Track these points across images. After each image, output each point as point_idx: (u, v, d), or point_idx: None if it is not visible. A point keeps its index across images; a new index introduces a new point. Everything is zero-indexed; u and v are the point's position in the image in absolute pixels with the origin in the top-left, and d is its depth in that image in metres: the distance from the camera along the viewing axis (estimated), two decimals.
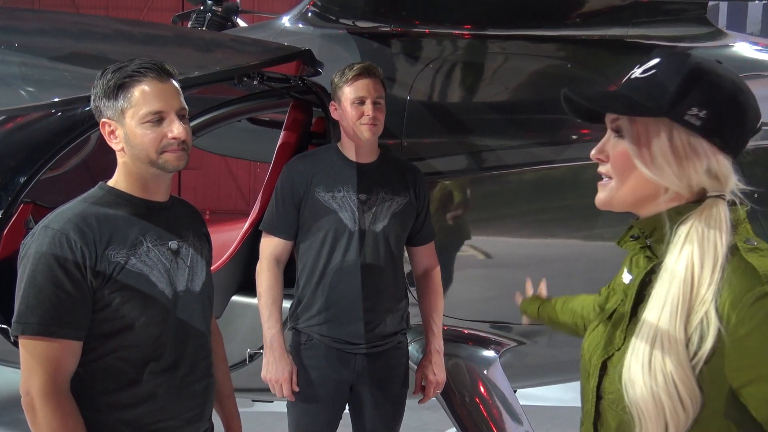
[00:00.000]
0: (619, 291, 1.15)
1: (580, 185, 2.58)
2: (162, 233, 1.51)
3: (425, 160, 2.58)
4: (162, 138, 1.44)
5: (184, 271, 1.53)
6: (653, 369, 0.97)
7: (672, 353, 0.96)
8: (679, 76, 1.00)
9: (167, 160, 1.45)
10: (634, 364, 0.99)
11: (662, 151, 1.00)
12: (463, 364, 2.57)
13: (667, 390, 0.95)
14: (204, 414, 1.58)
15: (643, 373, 0.97)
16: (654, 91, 1.00)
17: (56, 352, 1.37)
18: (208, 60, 2.51)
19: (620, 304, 1.12)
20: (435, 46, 2.78)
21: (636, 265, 1.11)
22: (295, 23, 2.96)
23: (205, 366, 1.57)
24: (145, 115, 1.43)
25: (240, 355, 2.58)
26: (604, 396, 1.08)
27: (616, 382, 1.04)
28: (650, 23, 2.65)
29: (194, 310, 1.54)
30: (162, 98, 1.44)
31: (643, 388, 0.97)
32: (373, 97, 2.13)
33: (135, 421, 1.45)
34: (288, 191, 2.23)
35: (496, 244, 2.68)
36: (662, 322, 0.97)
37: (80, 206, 1.46)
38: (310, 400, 2.21)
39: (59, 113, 2.40)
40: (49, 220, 1.43)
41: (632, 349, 1.01)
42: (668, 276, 0.99)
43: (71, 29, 2.65)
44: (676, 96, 0.99)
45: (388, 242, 2.20)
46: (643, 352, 0.99)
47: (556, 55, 2.75)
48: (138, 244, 1.46)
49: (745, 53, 2.83)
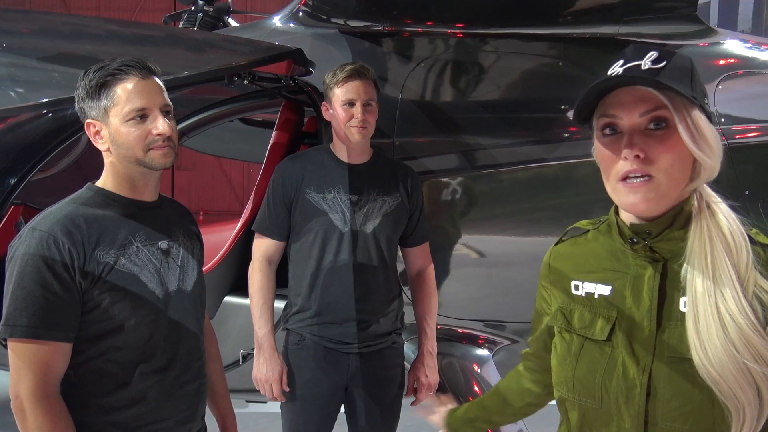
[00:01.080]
0: (603, 305, 1.11)
1: (573, 183, 2.59)
2: (151, 233, 1.50)
3: (417, 159, 2.58)
4: (147, 135, 1.43)
5: (175, 270, 1.52)
6: (730, 339, 0.96)
7: (744, 320, 0.97)
8: (687, 68, 1.03)
9: (153, 157, 1.44)
10: (711, 346, 0.97)
11: (712, 137, 1.02)
12: (457, 362, 2.57)
13: (750, 354, 0.96)
14: (196, 414, 1.57)
15: (724, 348, 0.96)
16: (677, 81, 1.00)
17: (45, 355, 1.35)
18: (199, 60, 2.50)
19: (619, 316, 1.08)
20: (426, 45, 2.78)
21: (621, 271, 1.10)
22: (287, 23, 2.95)
23: (197, 366, 1.56)
24: (128, 113, 1.42)
25: (233, 355, 2.57)
26: (659, 420, 1.03)
27: (679, 393, 1.01)
28: (641, 21, 2.66)
29: (186, 310, 1.54)
30: (145, 95, 1.43)
31: (729, 362, 0.96)
32: (363, 99, 2.12)
33: (126, 424, 1.44)
34: (279, 192, 2.22)
35: (489, 243, 2.68)
36: (721, 294, 0.98)
37: (68, 207, 1.45)
38: (303, 400, 2.20)
39: (49, 114, 2.39)
40: (37, 222, 1.41)
41: (699, 336, 0.99)
42: (706, 253, 1.01)
43: (62, 30, 2.64)
44: (696, 86, 1.02)
45: (378, 243, 2.19)
46: (715, 330, 0.97)
47: (548, 53, 2.75)
48: (127, 245, 1.45)
49: (737, 51, 2.84)
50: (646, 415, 1.03)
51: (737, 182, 2.44)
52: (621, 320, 1.08)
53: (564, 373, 1.13)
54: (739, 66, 2.75)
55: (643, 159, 1.01)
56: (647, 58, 1.02)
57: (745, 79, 2.74)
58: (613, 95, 1.04)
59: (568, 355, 1.12)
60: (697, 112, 1.00)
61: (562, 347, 1.15)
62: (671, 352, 1.02)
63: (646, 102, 1.02)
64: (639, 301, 1.07)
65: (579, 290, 1.14)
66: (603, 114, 1.06)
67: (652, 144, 1.01)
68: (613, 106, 1.04)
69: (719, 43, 2.81)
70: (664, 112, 1.01)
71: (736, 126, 2.57)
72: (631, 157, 1.01)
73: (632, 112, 1.02)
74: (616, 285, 1.10)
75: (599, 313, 1.10)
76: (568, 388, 1.12)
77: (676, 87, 0.99)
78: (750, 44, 2.96)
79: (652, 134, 1.02)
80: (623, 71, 1.03)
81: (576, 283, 1.15)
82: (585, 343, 1.11)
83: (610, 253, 1.13)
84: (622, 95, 1.03)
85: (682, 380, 1.01)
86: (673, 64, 1.01)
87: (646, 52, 1.03)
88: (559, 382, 1.15)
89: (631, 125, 1.03)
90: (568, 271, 1.18)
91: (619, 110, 1.03)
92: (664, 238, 1.06)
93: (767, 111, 2.68)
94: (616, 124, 1.04)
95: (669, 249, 1.06)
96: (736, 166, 2.45)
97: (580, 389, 1.10)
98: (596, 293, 1.11)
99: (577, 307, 1.14)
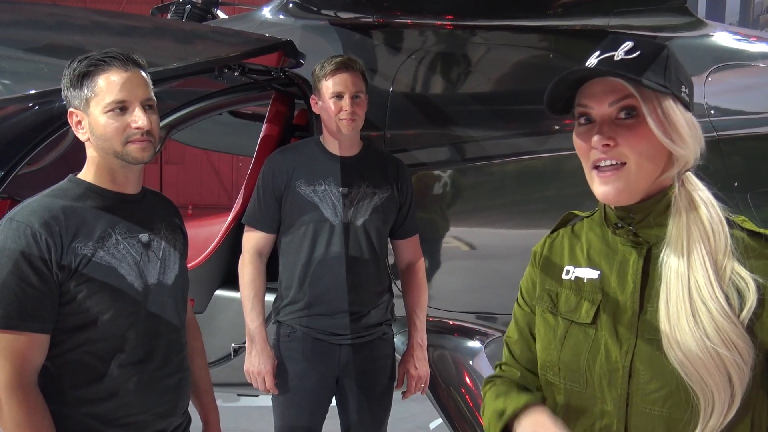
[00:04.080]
0: (589, 289, 1.12)
1: (564, 175, 2.59)
2: (131, 226, 1.49)
3: (409, 151, 2.58)
4: (126, 128, 1.42)
5: (156, 263, 1.51)
6: (701, 325, 0.97)
7: (715, 306, 0.98)
8: (662, 57, 1.03)
9: (131, 151, 1.43)
10: (680, 331, 0.99)
11: (684, 126, 1.02)
12: (449, 355, 2.57)
13: (721, 340, 0.96)
14: (177, 408, 1.56)
15: (692, 333, 0.98)
16: (649, 71, 1.01)
17: (22, 346, 1.35)
18: (188, 51, 2.48)
19: (604, 300, 1.09)
20: (417, 37, 2.77)
21: (609, 256, 1.11)
22: (276, 14, 2.93)
23: (178, 360, 1.55)
24: (108, 105, 1.41)
25: (224, 349, 2.56)
26: (639, 402, 1.04)
27: (658, 375, 1.02)
28: (631, 13, 2.66)
29: (166, 304, 1.53)
30: (126, 87, 1.41)
31: (696, 348, 0.97)
32: (351, 92, 2.12)
33: (104, 416, 1.44)
34: (269, 185, 2.21)
35: (480, 235, 2.69)
36: (695, 281, 0.99)
37: (47, 199, 1.44)
38: (294, 392, 2.20)
39: (36, 106, 2.36)
40: (15, 213, 1.40)
41: (669, 320, 1.00)
42: (682, 240, 1.02)
43: (48, 21, 2.60)
44: (670, 75, 1.02)
45: (369, 235, 2.19)
46: (685, 315, 0.99)
47: (538, 45, 2.75)
48: (106, 237, 1.44)
49: (726, 43, 2.85)
50: (627, 397, 1.05)
51: (726, 173, 2.45)
52: (606, 303, 1.09)
53: (549, 358, 1.14)
54: (729, 58, 2.76)
55: (612, 146, 1.03)
56: (621, 48, 1.04)
57: (734, 71, 2.75)
58: (586, 86, 1.07)
59: (554, 339, 1.13)
60: (669, 102, 1.01)
61: (546, 331, 1.16)
62: (651, 334, 1.04)
63: (615, 92, 1.04)
64: (624, 285, 1.08)
65: (569, 274, 1.15)
66: (578, 104, 1.09)
67: (621, 132, 1.03)
68: (585, 96, 1.07)
69: (709, 35, 2.82)
70: (633, 101, 1.02)
71: (725, 117, 2.58)
72: (599, 146, 1.04)
73: (602, 102, 1.05)
74: (603, 269, 1.12)
75: (585, 297, 1.12)
76: (554, 372, 1.13)
77: (648, 77, 1.00)
78: (739, 36, 2.97)
79: (622, 123, 1.04)
80: (597, 62, 1.05)
81: (568, 268, 1.16)
82: (570, 326, 1.12)
83: (602, 240, 1.15)
84: (593, 86, 1.06)
85: (660, 363, 1.02)
86: (646, 54, 1.03)
87: (621, 42, 1.05)
88: (544, 366, 1.16)
89: (602, 115, 1.05)
90: (562, 257, 1.19)
91: (591, 101, 1.06)
92: (647, 224, 1.08)
93: (756, 103, 2.69)
94: (589, 114, 1.07)
95: (653, 234, 1.08)
96: (725, 157, 2.47)
97: (566, 373, 1.11)
98: (585, 278, 1.13)
99: (563, 290, 1.15)
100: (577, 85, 1.07)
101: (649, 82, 1.00)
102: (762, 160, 2.61)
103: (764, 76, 2.81)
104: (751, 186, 2.49)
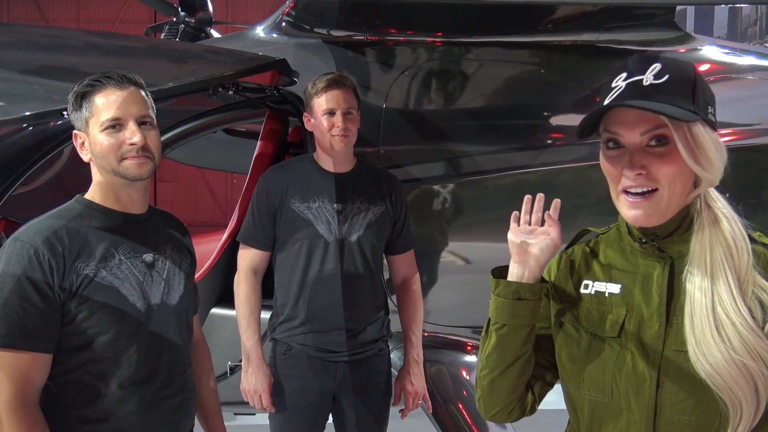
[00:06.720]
0: (613, 303, 1.13)
1: (557, 189, 2.60)
2: (136, 246, 1.49)
3: (402, 167, 2.59)
4: (121, 144, 1.43)
5: (159, 284, 1.51)
6: (725, 339, 0.99)
7: (739, 320, 0.99)
8: (690, 81, 1.04)
9: (127, 167, 1.44)
10: (705, 344, 1.00)
11: (712, 149, 1.04)
12: (446, 369, 2.57)
13: (747, 352, 0.98)
14: (179, 430, 1.55)
15: (718, 346, 0.99)
16: (679, 96, 1.02)
17: (24, 365, 1.35)
18: (183, 71, 2.50)
19: (629, 315, 1.10)
20: (410, 53, 2.79)
21: (631, 271, 1.13)
22: (270, 33, 2.95)
23: (180, 381, 1.55)
24: (103, 123, 1.43)
25: (221, 367, 2.55)
26: (667, 411, 1.05)
27: (685, 385, 1.04)
28: (620, 28, 2.69)
29: (169, 324, 1.52)
30: (121, 105, 1.43)
31: (723, 361, 0.99)
32: (343, 108, 2.13)
33: None
34: (263, 202, 2.22)
35: (475, 250, 2.69)
36: (718, 296, 1.01)
37: (52, 219, 1.44)
38: (291, 410, 2.19)
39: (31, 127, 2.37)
40: (20, 233, 1.41)
41: (694, 334, 1.02)
42: (705, 255, 1.04)
43: (42, 42, 2.62)
44: (698, 98, 1.03)
45: (364, 252, 2.19)
46: (709, 329, 1.00)
47: (530, 60, 2.77)
48: (109, 257, 1.44)
49: (714, 56, 2.88)
50: (655, 407, 1.06)
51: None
52: (630, 317, 1.11)
53: (574, 371, 1.15)
54: (717, 71, 2.79)
55: (645, 176, 1.04)
56: (649, 72, 1.03)
57: (723, 84, 2.79)
58: (615, 111, 1.07)
59: (577, 351, 1.15)
60: (698, 128, 1.03)
61: (569, 344, 1.17)
62: (678, 346, 1.06)
63: (647, 122, 1.04)
64: (648, 299, 1.10)
65: (588, 289, 1.17)
66: (606, 129, 1.08)
67: (653, 160, 1.04)
68: (615, 123, 1.07)
69: (697, 49, 2.85)
70: (665, 130, 1.03)
71: None
72: (632, 176, 1.04)
73: (633, 131, 1.05)
74: (625, 284, 1.13)
75: (609, 311, 1.13)
76: (577, 385, 1.15)
77: (678, 103, 1.01)
78: (727, 49, 3.01)
79: (653, 151, 1.04)
80: (625, 86, 1.04)
81: (587, 282, 1.18)
82: (594, 340, 1.13)
83: (621, 255, 1.16)
84: (624, 113, 1.06)
85: (687, 373, 1.04)
86: (674, 79, 1.03)
87: (649, 64, 1.04)
88: (568, 380, 1.17)
89: (633, 143, 1.05)
90: (580, 272, 1.20)
91: (621, 128, 1.06)
92: (670, 240, 1.10)
93: (746, 115, 2.72)
94: (618, 140, 1.07)
95: (677, 249, 1.10)
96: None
97: (590, 384, 1.12)
98: (606, 292, 1.14)
99: (583, 304, 1.17)
100: (605, 110, 1.07)
101: (682, 113, 1.00)
102: (753, 171, 2.64)
103: (753, 88, 2.84)
104: (743, 196, 2.51)
